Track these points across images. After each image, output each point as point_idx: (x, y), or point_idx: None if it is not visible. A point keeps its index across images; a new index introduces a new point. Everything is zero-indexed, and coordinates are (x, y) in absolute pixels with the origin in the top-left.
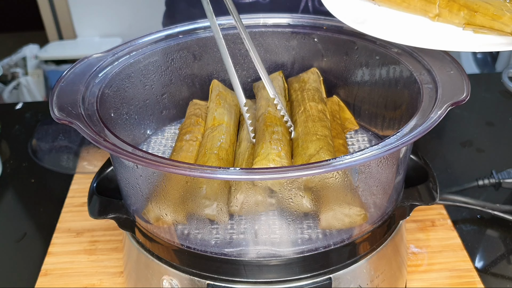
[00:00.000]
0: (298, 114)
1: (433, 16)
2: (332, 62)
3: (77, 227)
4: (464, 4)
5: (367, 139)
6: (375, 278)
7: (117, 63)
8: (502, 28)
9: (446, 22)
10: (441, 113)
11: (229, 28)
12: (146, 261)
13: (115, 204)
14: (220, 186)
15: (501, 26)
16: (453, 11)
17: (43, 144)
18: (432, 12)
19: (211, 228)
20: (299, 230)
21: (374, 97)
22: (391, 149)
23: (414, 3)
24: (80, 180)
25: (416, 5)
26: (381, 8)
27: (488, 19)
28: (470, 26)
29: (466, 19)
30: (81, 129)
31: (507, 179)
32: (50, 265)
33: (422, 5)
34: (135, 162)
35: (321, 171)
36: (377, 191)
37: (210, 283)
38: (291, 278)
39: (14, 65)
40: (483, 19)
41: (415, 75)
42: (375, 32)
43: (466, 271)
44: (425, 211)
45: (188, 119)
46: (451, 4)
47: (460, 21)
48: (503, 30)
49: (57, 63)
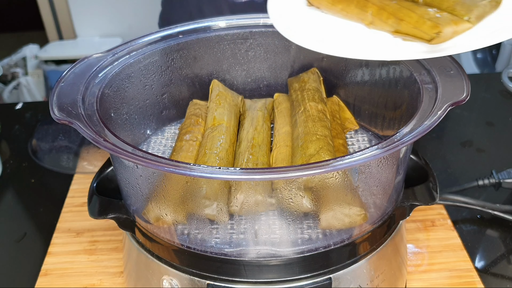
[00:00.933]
0: (298, 114)
1: (368, 24)
2: (332, 62)
3: (77, 227)
4: (392, 12)
5: (367, 139)
6: (375, 278)
7: (117, 63)
8: (422, 36)
9: (379, 29)
10: (441, 113)
11: (229, 28)
12: (146, 261)
13: (115, 204)
14: (220, 186)
15: (422, 34)
16: (383, 19)
17: (43, 144)
18: (367, 19)
19: (211, 228)
20: (299, 230)
21: (374, 97)
22: (391, 149)
23: (351, 11)
24: (80, 180)
25: (353, 13)
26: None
27: (411, 27)
28: (398, 34)
29: (394, 27)
30: (81, 129)
31: (507, 179)
32: (50, 265)
33: (357, 13)
34: (135, 162)
35: (321, 171)
36: (377, 191)
37: (210, 283)
38: (291, 278)
39: (14, 65)
40: (407, 27)
41: (415, 75)
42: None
43: (466, 271)
44: (425, 211)
45: (188, 119)
46: (381, 12)
47: (389, 29)
48: (423, 38)
49: (57, 63)
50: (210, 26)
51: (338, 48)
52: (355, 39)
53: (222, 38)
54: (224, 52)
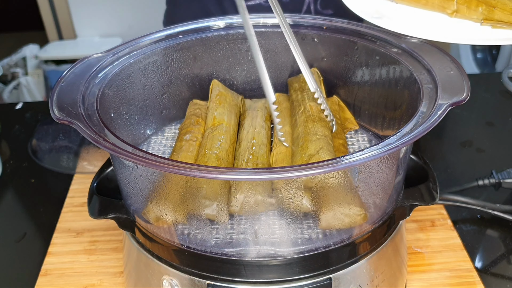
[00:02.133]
0: (298, 114)
1: (451, 13)
2: (332, 62)
3: (77, 227)
4: (483, 0)
5: (367, 139)
6: (375, 278)
7: (117, 63)
8: None
9: (464, 18)
10: (441, 113)
11: (229, 28)
12: (146, 261)
13: (115, 204)
14: (220, 186)
15: None
16: (471, 7)
17: (43, 144)
18: (450, 8)
19: (211, 228)
20: (299, 230)
21: (374, 97)
22: (391, 149)
23: (432, 0)
24: (80, 180)
25: (434, 2)
26: (399, 5)
27: (506, 14)
28: (488, 22)
29: (484, 14)
30: (81, 129)
31: (507, 179)
32: (50, 265)
33: (440, 1)
34: (135, 162)
35: (321, 171)
36: (377, 191)
37: (210, 283)
38: (291, 278)
39: (14, 65)
40: (501, 14)
41: (415, 75)
42: (393, 27)
43: (466, 271)
44: (425, 211)
45: (188, 119)
46: (469, 0)
47: (478, 16)
48: None
49: (57, 63)
50: (210, 26)
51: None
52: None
53: (222, 38)
54: (224, 52)
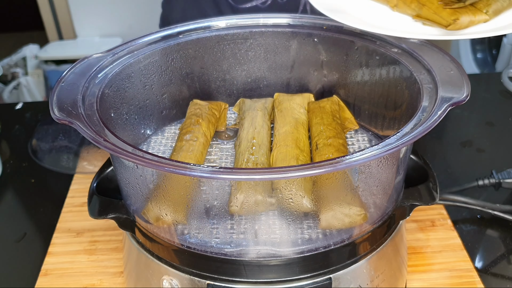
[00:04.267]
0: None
1: (393, 6)
2: (332, 62)
3: (77, 227)
4: None
5: (367, 139)
6: (375, 278)
7: (117, 63)
8: (441, 21)
9: (403, 12)
10: (441, 113)
11: (229, 28)
12: (146, 261)
13: (115, 204)
14: (220, 186)
15: (440, 20)
16: (406, 2)
17: (43, 144)
18: (392, 2)
19: (211, 228)
20: (299, 230)
21: (374, 97)
22: (391, 149)
23: None
24: (80, 180)
25: None
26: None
27: (431, 12)
28: (418, 18)
29: (416, 11)
30: (81, 129)
31: (507, 179)
32: (50, 265)
33: None
34: (135, 162)
35: (321, 171)
36: (377, 191)
37: (210, 283)
38: (291, 278)
39: (14, 65)
40: (428, 12)
41: (415, 75)
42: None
43: (466, 271)
44: (425, 211)
45: (188, 119)
46: None
47: (412, 12)
48: (441, 23)
49: (57, 63)
50: (210, 26)
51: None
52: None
53: (222, 38)
54: (224, 52)
